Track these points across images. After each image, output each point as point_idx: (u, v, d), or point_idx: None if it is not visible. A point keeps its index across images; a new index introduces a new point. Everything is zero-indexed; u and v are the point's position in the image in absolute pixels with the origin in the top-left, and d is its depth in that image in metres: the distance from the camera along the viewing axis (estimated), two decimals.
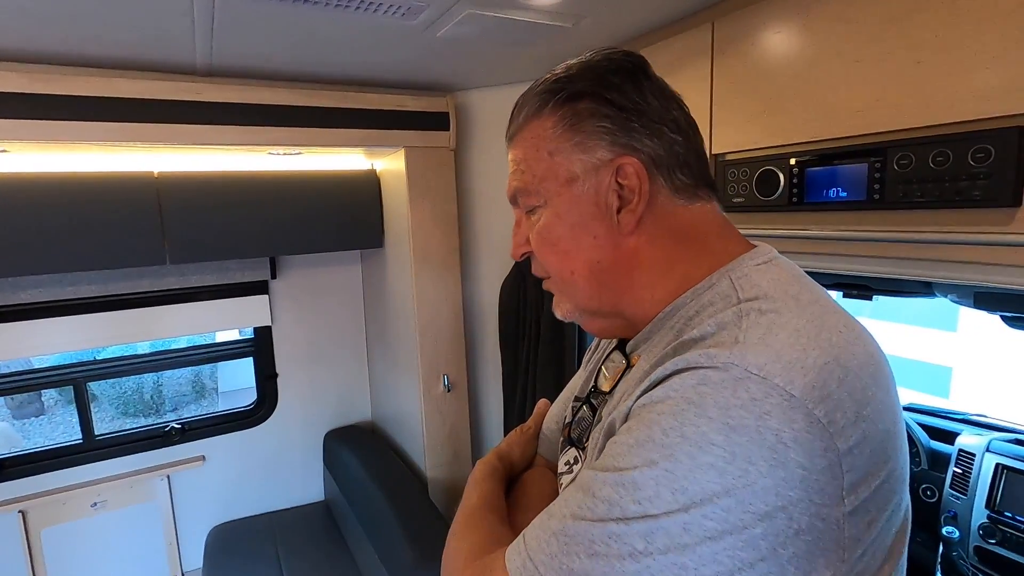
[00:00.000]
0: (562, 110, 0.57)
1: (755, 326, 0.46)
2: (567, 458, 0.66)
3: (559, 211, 0.58)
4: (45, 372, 2.02)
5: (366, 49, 1.36)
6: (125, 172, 1.60)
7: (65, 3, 1.02)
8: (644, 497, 0.42)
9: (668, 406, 0.44)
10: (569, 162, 0.57)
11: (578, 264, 0.59)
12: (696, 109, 1.17)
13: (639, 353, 0.59)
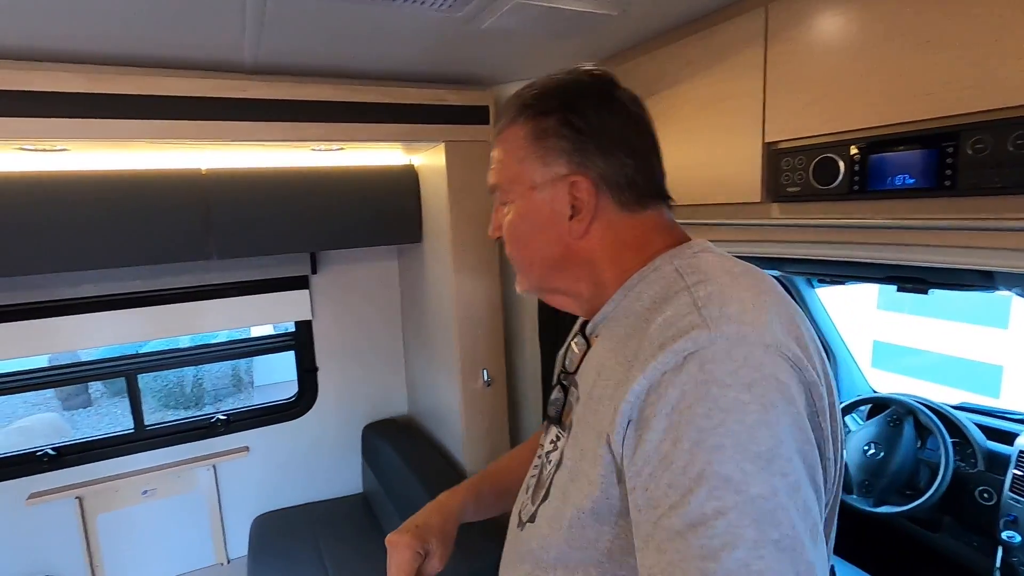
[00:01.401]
0: (532, 123, 0.66)
1: (710, 303, 0.54)
2: (551, 436, 0.73)
3: (521, 211, 0.68)
4: (98, 364, 2.10)
5: (407, 43, 1.37)
6: (175, 169, 1.64)
7: (127, 6, 1.04)
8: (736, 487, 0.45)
9: (692, 397, 0.48)
10: (533, 171, 0.66)
11: (535, 257, 0.70)
12: (748, 97, 1.15)
13: (597, 334, 0.68)
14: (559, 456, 0.66)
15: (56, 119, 1.29)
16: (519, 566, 0.69)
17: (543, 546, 0.64)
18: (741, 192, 1.19)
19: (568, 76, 0.68)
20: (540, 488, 0.69)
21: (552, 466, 0.67)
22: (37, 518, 1.90)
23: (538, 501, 0.67)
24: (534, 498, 0.70)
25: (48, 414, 7.20)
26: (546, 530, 0.64)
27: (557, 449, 0.68)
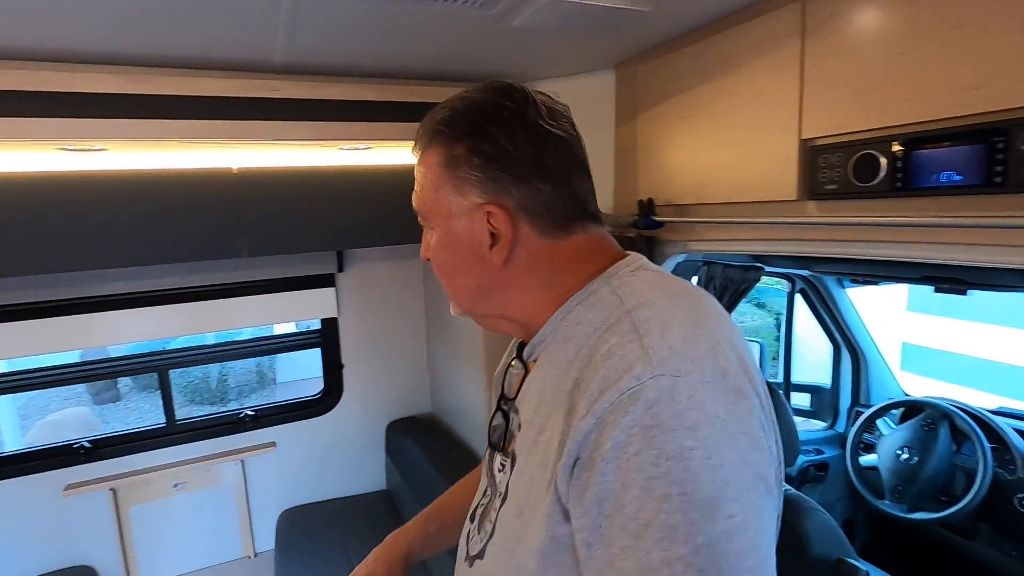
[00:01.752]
0: (444, 148, 0.63)
1: (650, 330, 0.53)
2: (495, 464, 0.70)
3: (442, 240, 0.66)
4: (132, 359, 2.15)
5: (437, 41, 1.37)
6: (207, 169, 1.66)
7: (170, 9, 1.06)
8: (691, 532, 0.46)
9: (640, 443, 0.48)
10: (448, 201, 0.64)
11: (459, 284, 0.68)
12: (784, 94, 1.13)
13: (535, 358, 0.65)
14: (504, 489, 0.62)
15: (95, 119, 1.32)
16: None
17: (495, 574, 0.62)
18: (776, 190, 1.17)
19: (481, 96, 0.64)
20: (485, 519, 0.67)
21: (498, 499, 0.64)
22: (73, 509, 1.95)
23: (487, 537, 0.65)
24: (481, 530, 0.67)
25: (79, 408, 7.41)
26: (494, 567, 0.62)
27: (506, 474, 0.65)
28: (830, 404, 2.52)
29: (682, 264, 1.73)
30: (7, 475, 1.86)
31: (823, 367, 3.37)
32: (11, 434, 6.10)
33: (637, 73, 1.58)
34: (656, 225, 1.49)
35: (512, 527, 0.59)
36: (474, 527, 0.71)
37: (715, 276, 1.83)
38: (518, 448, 0.62)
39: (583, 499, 0.50)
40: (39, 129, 1.28)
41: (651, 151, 1.57)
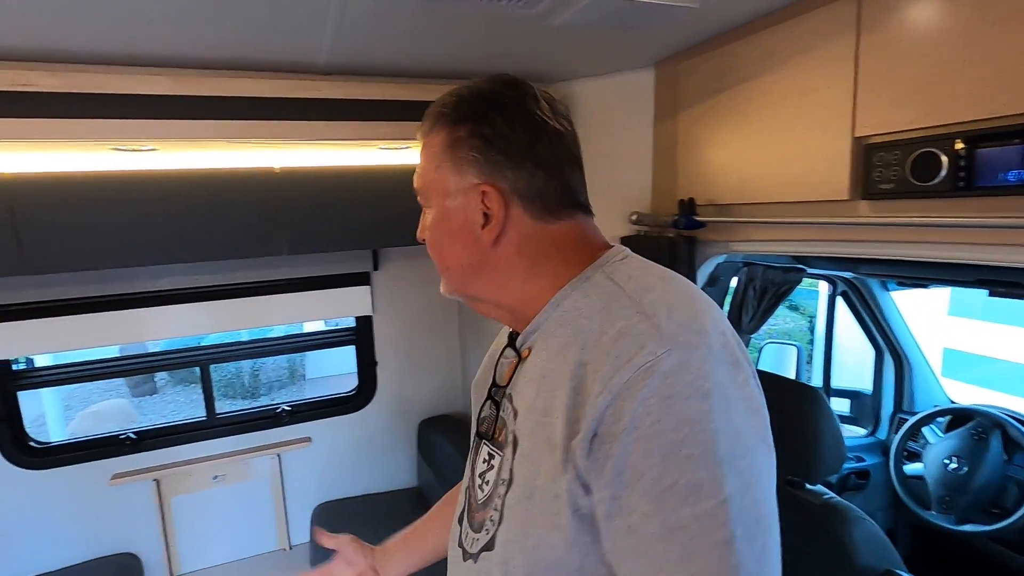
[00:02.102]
0: (447, 131, 0.67)
1: (657, 311, 0.56)
2: (482, 455, 0.71)
3: (438, 217, 0.69)
4: (174, 354, 2.21)
5: (478, 41, 1.37)
6: (250, 168, 1.70)
7: (215, 12, 1.09)
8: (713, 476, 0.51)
9: (658, 412, 0.51)
10: (447, 179, 0.67)
11: (451, 262, 0.70)
12: (836, 90, 1.10)
13: (529, 346, 0.67)
14: (508, 475, 0.63)
15: (147, 120, 1.36)
16: None
17: (508, 567, 0.62)
18: (826, 190, 1.14)
19: (486, 85, 0.68)
20: (486, 511, 0.67)
21: (502, 486, 0.64)
22: (119, 497, 2.01)
23: (493, 527, 0.64)
24: (480, 526, 0.67)
25: (118, 400, 7.66)
26: (507, 554, 0.62)
27: (493, 468, 0.67)
28: (871, 410, 2.45)
29: (722, 265, 1.70)
30: (60, 463, 1.93)
31: (857, 371, 3.27)
32: (56, 424, 6.34)
33: (678, 71, 1.56)
34: (698, 225, 1.46)
35: (523, 509, 0.60)
36: (464, 528, 0.72)
37: (755, 277, 1.79)
38: (519, 433, 0.64)
39: (603, 472, 0.53)
40: (95, 129, 1.32)
41: (692, 150, 1.54)
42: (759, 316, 1.79)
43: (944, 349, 6.05)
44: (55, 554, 1.96)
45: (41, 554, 1.94)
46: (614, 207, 1.79)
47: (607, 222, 1.80)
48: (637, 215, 1.68)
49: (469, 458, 0.77)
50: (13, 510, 1.90)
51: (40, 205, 1.44)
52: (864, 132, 1.07)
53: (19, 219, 1.41)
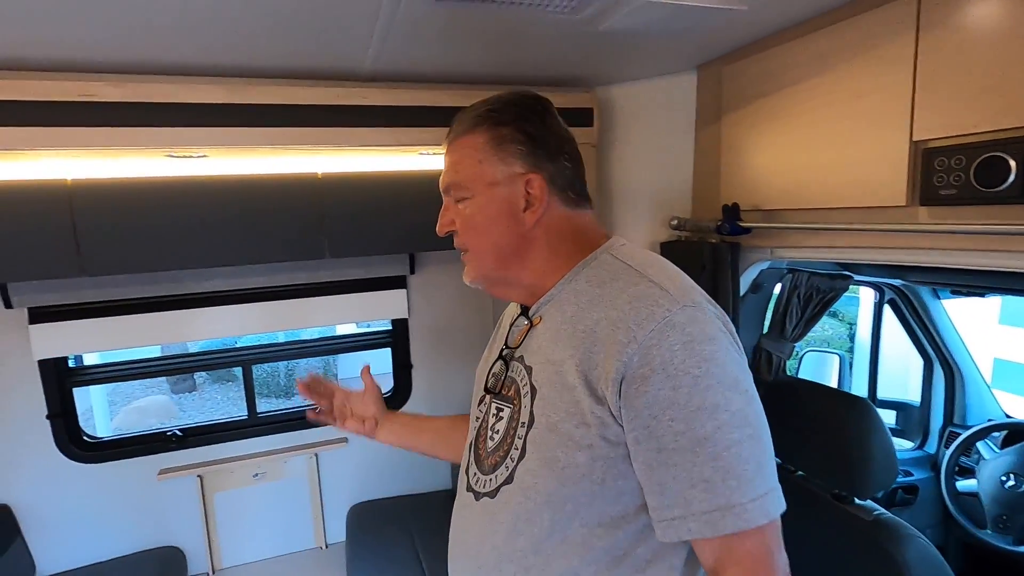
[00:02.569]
0: (490, 131, 0.78)
1: (663, 281, 0.71)
2: (491, 408, 0.84)
3: (481, 204, 0.79)
4: (218, 354, 2.27)
5: (521, 46, 1.38)
6: (294, 173, 1.73)
7: (267, 24, 1.12)
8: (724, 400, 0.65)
9: (683, 354, 0.65)
10: (493, 170, 0.78)
11: (490, 244, 0.80)
12: (893, 92, 1.06)
13: (540, 315, 0.81)
14: (528, 417, 0.75)
15: (199, 128, 1.41)
16: (493, 533, 0.77)
17: (529, 496, 0.73)
18: (883, 195, 1.11)
19: (513, 96, 0.82)
20: (497, 454, 0.79)
21: (521, 427, 0.76)
22: (165, 492, 2.08)
23: (513, 463, 0.76)
24: (493, 468, 0.79)
25: (160, 396, 7.94)
26: (531, 480, 0.73)
27: (503, 419, 0.80)
28: (919, 423, 2.36)
29: (765, 271, 1.67)
30: (111, 457, 2.00)
31: (901, 381, 3.16)
32: (102, 418, 6.60)
33: (722, 74, 1.53)
34: (743, 231, 1.44)
35: (548, 441, 0.72)
36: (472, 475, 0.84)
37: (800, 284, 1.74)
38: (537, 383, 0.76)
39: (634, 406, 0.66)
40: (152, 137, 1.38)
41: (736, 154, 1.52)
42: (804, 324, 1.74)
43: (995, 359, 5.79)
44: (105, 545, 2.03)
45: (93, 544, 2.01)
46: (654, 212, 1.77)
47: (646, 227, 1.79)
48: (678, 220, 1.66)
49: (476, 417, 0.89)
50: (67, 501, 1.97)
51: (97, 209, 1.50)
52: (923, 136, 1.03)
53: (78, 223, 1.48)
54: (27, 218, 1.44)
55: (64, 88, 1.29)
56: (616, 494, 0.70)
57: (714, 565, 0.67)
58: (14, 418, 1.89)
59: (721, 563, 0.66)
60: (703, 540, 0.66)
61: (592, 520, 0.71)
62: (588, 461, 0.69)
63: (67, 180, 1.47)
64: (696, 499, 0.64)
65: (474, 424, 0.89)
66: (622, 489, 0.70)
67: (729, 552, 0.65)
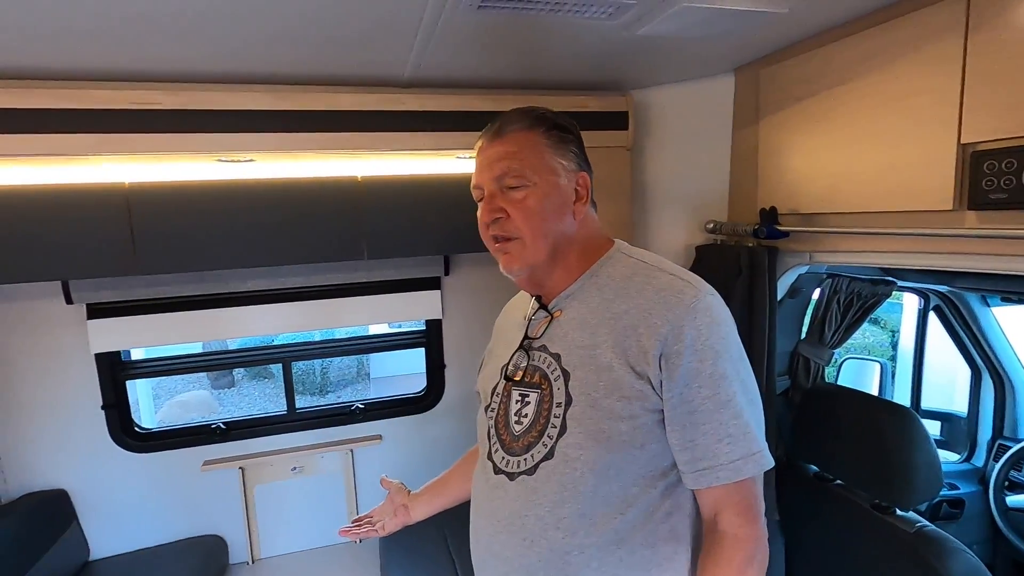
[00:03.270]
0: (551, 131, 0.90)
1: (680, 274, 0.85)
2: (514, 398, 0.91)
3: (544, 192, 0.87)
4: (260, 351, 2.36)
5: (559, 52, 1.39)
6: (335, 177, 1.79)
7: (314, 33, 1.17)
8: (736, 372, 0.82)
9: (707, 333, 0.79)
10: (555, 163, 0.89)
11: (545, 231, 0.87)
12: (940, 95, 1.04)
13: (562, 308, 0.91)
14: (564, 397, 0.84)
15: (249, 133, 1.47)
16: (537, 505, 0.84)
17: (575, 467, 0.82)
18: (928, 198, 1.08)
19: (555, 112, 0.94)
20: (529, 435, 0.87)
21: (557, 408, 0.84)
22: (209, 483, 2.16)
23: (551, 440, 0.84)
24: (525, 449, 0.87)
25: (201, 391, 8.22)
26: (578, 451, 0.82)
27: (530, 403, 0.88)
28: (966, 434, 2.27)
29: (804, 276, 1.64)
30: (159, 448, 2.10)
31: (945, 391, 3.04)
32: (147, 411, 6.88)
33: (760, 76, 1.52)
34: (781, 235, 1.42)
35: (592, 415, 0.81)
36: (499, 459, 0.90)
37: (840, 290, 1.71)
38: (570, 366, 0.85)
39: (672, 377, 0.79)
40: (204, 142, 1.45)
41: (774, 157, 1.50)
42: (843, 330, 1.71)
43: None
44: (153, 531, 2.13)
45: (141, 530, 2.11)
46: (688, 215, 1.76)
47: (681, 230, 1.78)
48: (713, 223, 1.65)
49: (493, 408, 0.95)
50: (119, 488, 2.07)
51: (152, 211, 1.58)
52: (972, 138, 1.01)
53: (135, 224, 1.56)
54: (88, 219, 1.52)
55: (123, 97, 1.37)
56: (650, 456, 0.82)
57: (714, 507, 0.82)
58: (72, 408, 2.00)
59: (721, 504, 0.81)
60: (710, 489, 0.80)
61: (629, 481, 0.82)
62: (630, 429, 0.81)
63: (125, 183, 1.55)
64: (723, 452, 0.78)
65: (489, 415, 0.96)
66: (655, 452, 0.82)
67: (729, 496, 0.80)
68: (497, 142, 0.89)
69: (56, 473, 2.01)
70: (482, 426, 0.99)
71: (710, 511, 0.83)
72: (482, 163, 0.91)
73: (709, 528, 0.83)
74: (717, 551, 0.80)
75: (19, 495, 1.96)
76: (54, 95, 1.34)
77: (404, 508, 1.25)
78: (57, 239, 1.52)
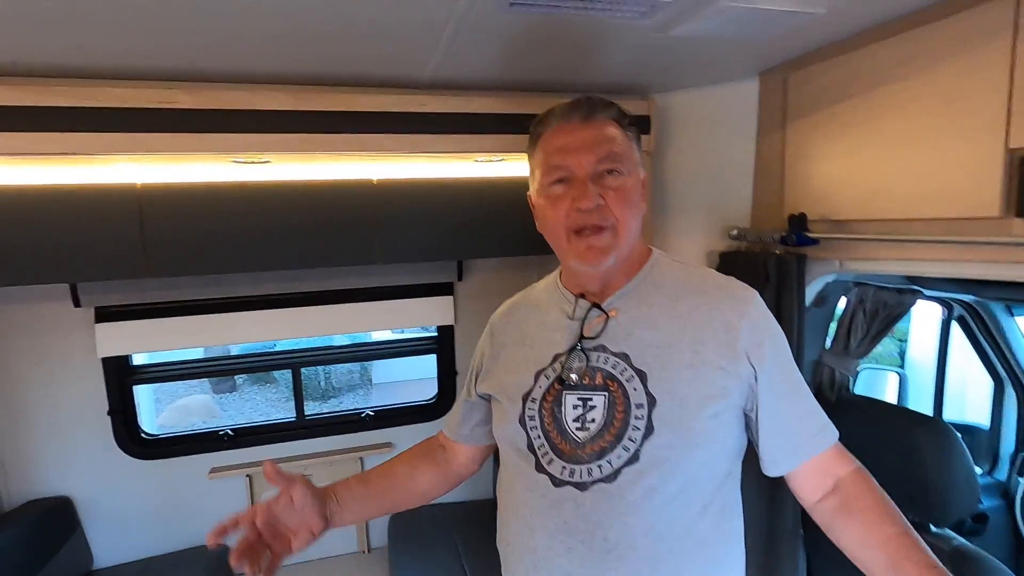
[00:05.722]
0: (629, 129, 0.89)
1: (721, 275, 0.92)
2: (570, 403, 0.85)
3: (634, 183, 0.86)
4: (267, 356, 2.32)
5: (585, 53, 1.36)
6: (351, 179, 1.75)
7: (336, 33, 1.13)
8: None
9: (768, 324, 0.87)
10: (637, 157, 0.90)
11: (632, 223, 0.86)
12: (985, 98, 1.01)
13: (616, 307, 0.88)
14: (645, 398, 0.81)
15: (265, 134, 1.44)
16: (621, 514, 0.79)
17: (664, 468, 0.79)
18: (971, 205, 1.05)
19: None
20: (603, 440, 0.82)
21: (639, 409, 0.81)
22: (215, 490, 2.12)
23: (634, 444, 0.80)
24: (599, 455, 0.81)
25: (203, 396, 8.15)
26: (666, 452, 0.79)
27: (596, 407, 0.83)
28: (988, 448, 2.23)
29: (831, 284, 1.60)
30: (165, 455, 2.06)
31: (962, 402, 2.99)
32: (148, 416, 6.81)
33: (788, 80, 1.49)
34: (811, 242, 1.38)
35: (681, 414, 0.80)
36: (565, 468, 0.83)
37: (866, 299, 1.67)
38: (645, 365, 0.83)
39: (762, 367, 0.83)
40: (219, 143, 1.41)
41: (801, 163, 1.47)
42: (869, 340, 1.67)
43: None
44: (158, 540, 2.08)
45: (146, 539, 2.06)
46: (711, 222, 1.73)
47: (704, 237, 1.75)
48: (738, 230, 1.61)
49: (534, 417, 0.88)
50: (124, 496, 2.03)
51: (164, 213, 1.54)
52: (1021, 143, 0.98)
53: (146, 225, 1.52)
54: (98, 221, 1.49)
55: (140, 95, 1.33)
56: (727, 453, 0.85)
57: (821, 473, 0.86)
58: (77, 413, 1.96)
59: (826, 465, 0.86)
60: (810, 461, 0.86)
61: (708, 480, 0.82)
62: (715, 427, 0.81)
63: (137, 184, 1.52)
64: (806, 428, 0.86)
65: (529, 425, 0.87)
66: (730, 448, 0.85)
67: (830, 457, 0.87)
68: (590, 125, 0.85)
69: (60, 480, 1.97)
70: (513, 438, 0.89)
71: (816, 479, 0.86)
72: (571, 144, 0.84)
73: (826, 493, 0.86)
74: (855, 486, 0.84)
75: (22, 502, 1.92)
76: (66, 93, 1.30)
77: (318, 518, 0.95)
78: (66, 240, 1.48)
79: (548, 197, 0.87)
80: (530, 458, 0.87)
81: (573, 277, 0.93)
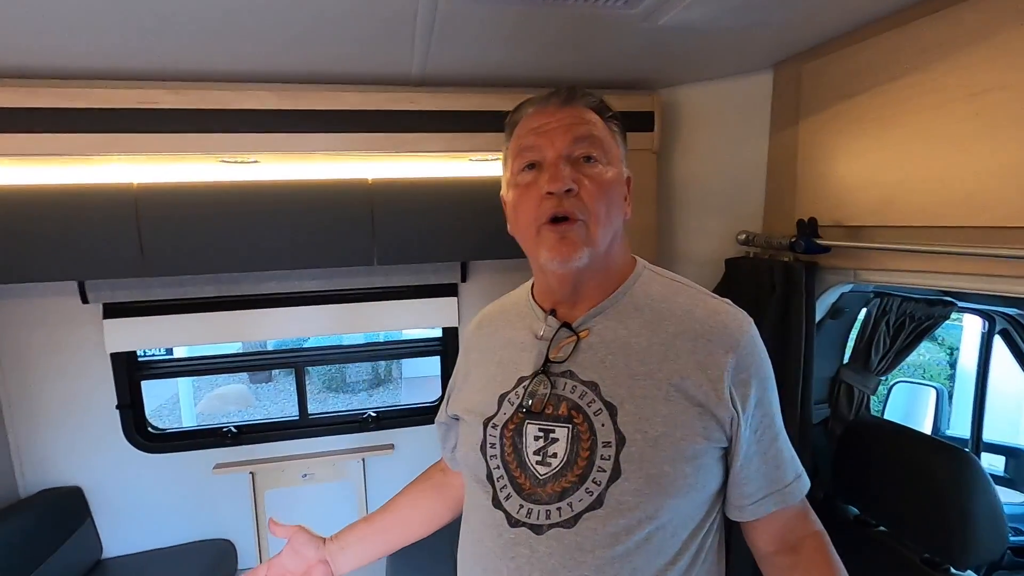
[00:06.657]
0: (613, 123, 0.80)
1: (712, 294, 0.80)
2: (530, 434, 0.76)
3: (615, 176, 0.77)
4: (275, 355, 2.33)
5: (574, 46, 1.28)
6: (345, 179, 1.73)
7: (314, 30, 1.10)
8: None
9: (758, 361, 0.76)
10: (619, 150, 0.80)
11: (609, 219, 0.76)
12: (1017, 89, 0.88)
13: (589, 327, 0.78)
14: (613, 436, 0.71)
15: (252, 134, 1.42)
16: (579, 564, 0.71)
17: (629, 517, 0.70)
18: (1006, 212, 0.92)
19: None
20: (564, 479, 0.73)
21: (605, 448, 0.72)
22: (220, 486, 2.14)
23: (598, 487, 0.71)
24: (559, 496, 0.73)
25: (239, 385, 8.45)
26: (636, 499, 0.70)
27: (559, 440, 0.74)
28: None
29: (848, 295, 1.47)
30: (172, 449, 2.09)
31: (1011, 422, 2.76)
32: (187, 404, 7.09)
33: (801, 72, 1.37)
34: (821, 250, 1.27)
35: (653, 456, 0.71)
36: (521, 508, 0.74)
37: (890, 310, 1.53)
38: (614, 398, 0.73)
39: (746, 404, 0.74)
40: (204, 143, 1.40)
41: (816, 163, 1.35)
42: (893, 355, 1.53)
43: None
44: (164, 532, 2.12)
45: (153, 531, 2.11)
46: (720, 225, 1.62)
47: (711, 242, 1.64)
48: (747, 235, 1.50)
49: (494, 445, 0.79)
50: (132, 488, 2.08)
51: (158, 213, 1.55)
52: None
53: (143, 225, 1.53)
54: (98, 220, 1.51)
55: (126, 96, 1.34)
56: (705, 498, 0.76)
57: (782, 527, 0.80)
58: (87, 406, 2.01)
59: (790, 521, 0.80)
60: (777, 512, 0.78)
61: (683, 527, 0.74)
62: (694, 471, 0.72)
63: (133, 184, 1.53)
64: (780, 478, 0.78)
65: (489, 454, 0.80)
66: (709, 492, 0.76)
67: (796, 512, 0.80)
68: (570, 108, 0.76)
69: (72, 470, 2.03)
70: (474, 466, 0.82)
71: (776, 531, 0.80)
72: (547, 127, 0.75)
73: (783, 548, 0.80)
74: (816, 553, 0.78)
75: (36, 491, 1.98)
76: (61, 94, 1.31)
77: (323, 565, 0.99)
78: (68, 239, 1.51)
79: (517, 187, 0.78)
80: (488, 490, 0.79)
81: (544, 283, 0.83)
